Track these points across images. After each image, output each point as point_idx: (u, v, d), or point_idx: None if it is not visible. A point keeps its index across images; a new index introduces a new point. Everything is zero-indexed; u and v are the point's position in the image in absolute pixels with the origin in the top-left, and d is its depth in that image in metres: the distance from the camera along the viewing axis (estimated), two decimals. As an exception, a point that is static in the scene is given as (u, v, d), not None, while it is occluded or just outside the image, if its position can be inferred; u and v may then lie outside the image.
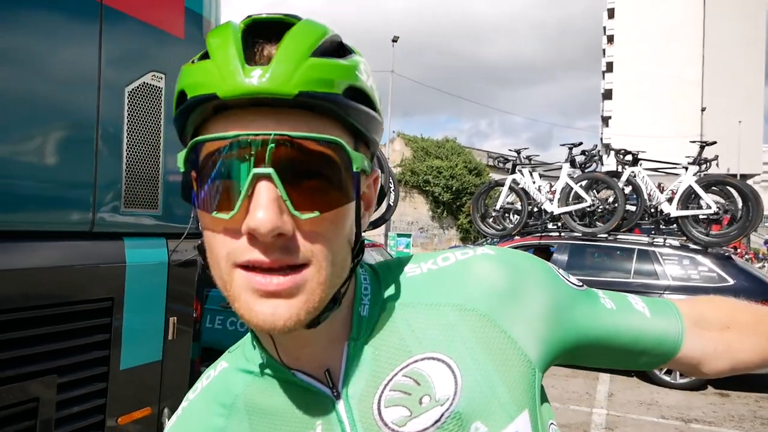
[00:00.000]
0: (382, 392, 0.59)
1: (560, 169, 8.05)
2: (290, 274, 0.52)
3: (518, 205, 8.27)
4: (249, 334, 0.68)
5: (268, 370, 0.63)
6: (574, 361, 0.71)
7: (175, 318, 2.40)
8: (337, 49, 0.57)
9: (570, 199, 7.60)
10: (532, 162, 8.66)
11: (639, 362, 0.73)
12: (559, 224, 7.90)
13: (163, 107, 2.27)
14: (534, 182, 8.23)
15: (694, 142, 7.55)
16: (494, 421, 0.58)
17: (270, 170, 0.50)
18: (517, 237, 8.03)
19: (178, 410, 0.70)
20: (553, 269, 0.69)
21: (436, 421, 0.57)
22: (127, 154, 2.14)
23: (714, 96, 54.43)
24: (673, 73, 56.59)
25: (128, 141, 2.14)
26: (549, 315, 0.65)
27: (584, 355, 0.71)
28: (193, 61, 0.56)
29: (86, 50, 1.99)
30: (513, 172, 8.39)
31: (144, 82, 2.19)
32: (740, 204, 6.67)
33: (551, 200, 7.90)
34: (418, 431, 0.57)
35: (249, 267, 0.52)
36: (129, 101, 2.13)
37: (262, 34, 0.54)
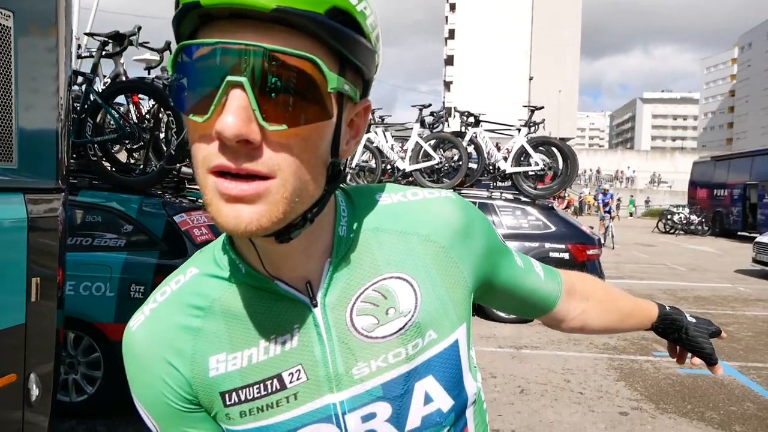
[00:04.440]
0: (354, 303, 0.67)
1: (411, 129, 8.53)
2: (254, 182, 0.54)
3: (372, 163, 8.62)
4: (219, 242, 0.71)
5: (246, 278, 0.67)
6: (486, 301, 0.86)
7: (38, 279, 2.27)
8: None
9: (420, 158, 8.11)
10: (385, 122, 9.04)
11: (527, 311, 0.90)
12: (410, 181, 8.42)
13: (13, 48, 2.07)
14: (387, 141, 8.63)
15: (526, 106, 8.43)
16: (443, 330, 0.70)
17: (242, 79, 0.51)
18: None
19: (144, 310, 0.71)
20: (492, 224, 0.82)
21: (400, 329, 0.67)
22: (-24, 100, 1.95)
23: (539, 67, 60.11)
24: (507, 44, 61.27)
25: (-23, 86, 1.94)
26: (485, 255, 0.77)
27: (493, 297, 0.85)
28: None
29: None
30: (367, 131, 8.69)
31: (-8, 21, 1.98)
32: (561, 162, 7.70)
33: (403, 158, 8.37)
34: (384, 336, 0.67)
35: (220, 173, 0.54)
36: (-25, 42, 1.92)
37: None
